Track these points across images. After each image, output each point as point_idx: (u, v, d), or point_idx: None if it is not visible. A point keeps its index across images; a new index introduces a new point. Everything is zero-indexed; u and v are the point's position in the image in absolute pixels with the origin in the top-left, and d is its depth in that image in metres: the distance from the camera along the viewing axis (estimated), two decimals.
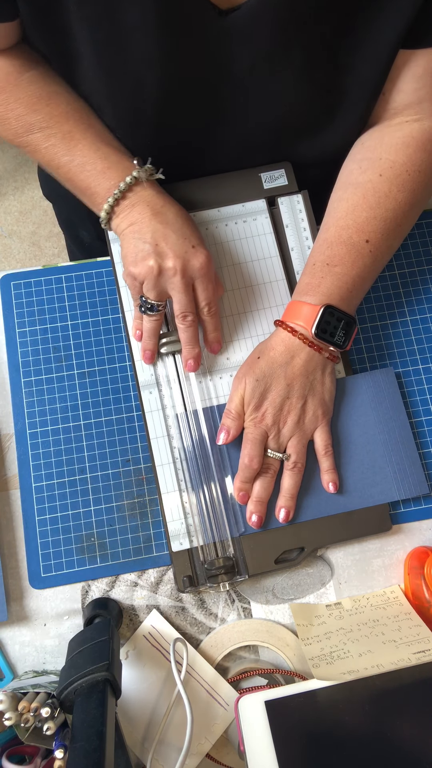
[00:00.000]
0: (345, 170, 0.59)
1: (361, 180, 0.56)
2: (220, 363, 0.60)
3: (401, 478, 0.57)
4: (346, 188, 0.57)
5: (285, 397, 0.54)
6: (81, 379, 0.61)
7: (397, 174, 0.55)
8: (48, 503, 0.58)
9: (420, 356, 0.64)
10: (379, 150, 0.57)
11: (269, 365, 0.54)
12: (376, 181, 0.55)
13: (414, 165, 0.55)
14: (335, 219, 0.56)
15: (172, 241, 0.53)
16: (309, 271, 0.56)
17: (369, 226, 0.55)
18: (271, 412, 0.54)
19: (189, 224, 0.56)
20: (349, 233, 0.55)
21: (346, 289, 0.54)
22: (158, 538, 0.57)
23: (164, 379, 0.59)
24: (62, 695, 0.43)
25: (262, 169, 0.64)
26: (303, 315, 0.54)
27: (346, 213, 0.55)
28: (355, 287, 0.55)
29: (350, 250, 0.54)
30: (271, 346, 0.55)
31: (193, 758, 0.52)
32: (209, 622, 0.56)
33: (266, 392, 0.54)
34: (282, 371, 0.54)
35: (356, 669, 0.48)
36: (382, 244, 0.55)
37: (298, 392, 0.54)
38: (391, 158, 0.56)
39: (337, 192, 0.58)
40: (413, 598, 0.56)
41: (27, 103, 0.53)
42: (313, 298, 0.54)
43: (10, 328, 0.63)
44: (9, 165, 1.79)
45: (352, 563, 0.58)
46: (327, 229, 0.56)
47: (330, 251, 0.55)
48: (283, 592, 0.57)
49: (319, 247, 0.56)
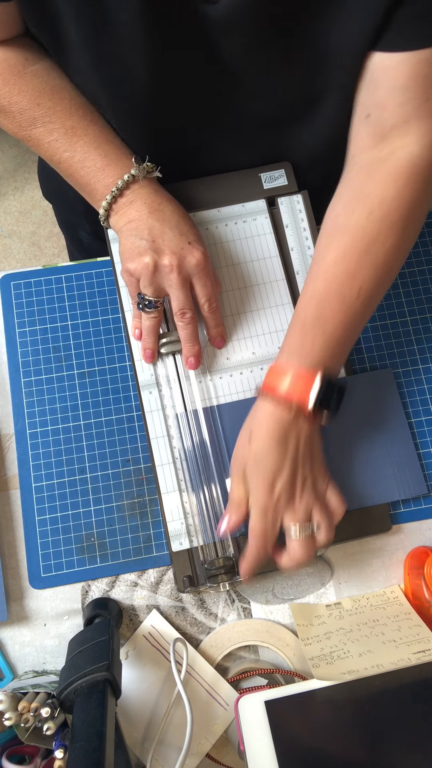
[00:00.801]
0: (331, 213, 0.54)
1: (348, 223, 0.51)
2: (220, 363, 0.60)
3: (400, 479, 0.57)
4: (334, 233, 0.52)
5: (293, 473, 0.50)
6: (81, 379, 0.61)
7: (386, 213, 0.50)
8: (48, 503, 0.58)
9: (420, 356, 0.64)
10: (367, 186, 0.52)
11: (265, 444, 0.49)
12: (365, 224, 0.51)
13: (404, 200, 0.51)
14: (324, 269, 0.51)
15: (169, 238, 0.53)
16: (298, 329, 0.51)
17: (359, 276, 0.50)
18: (285, 494, 0.50)
19: (186, 221, 0.56)
20: (339, 284, 0.50)
21: (338, 348, 0.50)
22: (158, 538, 0.57)
23: (164, 378, 0.59)
24: (62, 695, 0.43)
25: (262, 169, 0.64)
26: (295, 383, 0.49)
27: (334, 262, 0.51)
28: (347, 345, 0.51)
29: (341, 303, 0.50)
30: (259, 422, 0.50)
31: (193, 758, 0.52)
32: (209, 622, 0.56)
33: (273, 475, 0.49)
34: (282, 448, 0.49)
35: (356, 669, 0.48)
36: (374, 293, 0.51)
37: (305, 462, 0.50)
38: (379, 194, 0.51)
39: (323, 238, 0.54)
40: (413, 598, 0.56)
41: (30, 96, 0.53)
42: (306, 360, 0.49)
43: (10, 328, 0.63)
44: (9, 165, 1.79)
45: (352, 563, 0.58)
46: (315, 280, 0.52)
47: (320, 307, 0.50)
48: (283, 592, 0.57)
49: (308, 301, 0.51)
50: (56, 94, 0.54)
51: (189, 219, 0.56)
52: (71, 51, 0.51)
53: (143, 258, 0.53)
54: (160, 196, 0.56)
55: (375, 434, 0.58)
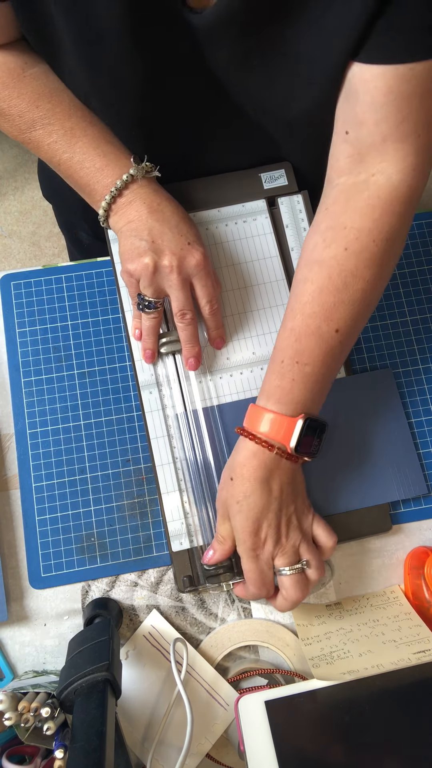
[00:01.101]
0: (309, 243, 0.53)
1: (325, 256, 0.51)
2: (220, 363, 0.60)
3: (400, 479, 0.57)
4: (311, 266, 0.52)
5: (278, 512, 0.50)
6: (81, 379, 0.61)
7: (364, 247, 0.50)
8: (48, 503, 0.58)
9: (420, 356, 0.64)
10: (344, 217, 0.51)
11: (247, 484, 0.49)
12: (341, 258, 0.50)
13: (381, 233, 0.50)
14: (301, 305, 0.51)
15: (168, 238, 0.53)
16: (277, 369, 0.51)
17: (337, 312, 0.50)
18: (271, 534, 0.50)
19: (186, 221, 0.55)
20: (318, 322, 0.50)
21: (317, 391, 0.50)
22: (158, 538, 0.57)
23: (164, 379, 0.59)
24: (62, 695, 0.43)
25: (262, 169, 0.64)
26: (277, 428, 0.49)
27: (312, 297, 0.50)
28: (326, 383, 0.51)
29: (319, 342, 0.50)
30: (241, 463, 0.50)
31: (193, 758, 0.52)
32: (209, 622, 0.56)
33: (257, 515, 0.49)
34: (266, 488, 0.49)
35: (356, 669, 0.48)
36: (351, 330, 0.51)
37: (289, 501, 0.50)
38: (357, 226, 0.50)
39: (301, 269, 0.53)
40: (413, 598, 0.56)
41: (30, 99, 0.54)
42: (287, 407, 0.50)
43: (10, 328, 0.63)
44: (9, 165, 1.79)
45: (352, 563, 0.58)
46: (293, 317, 0.51)
47: (298, 345, 0.50)
48: None
49: (286, 338, 0.51)
50: (55, 96, 0.54)
51: (189, 219, 0.56)
52: (62, 53, 0.51)
53: (143, 259, 0.53)
54: (160, 195, 0.56)
55: (375, 434, 0.58)
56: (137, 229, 0.54)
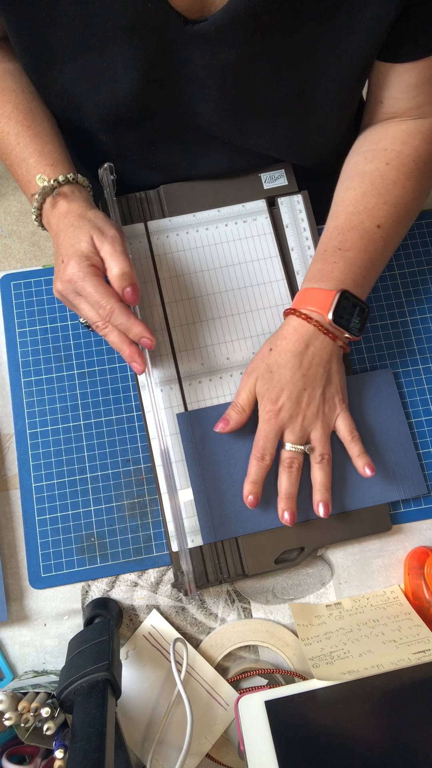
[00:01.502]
0: (350, 162, 0.59)
1: (367, 169, 0.56)
2: (220, 363, 0.60)
3: (400, 479, 0.57)
4: (353, 178, 0.56)
5: (302, 389, 0.52)
6: (81, 379, 0.61)
7: (404, 163, 0.55)
8: (48, 503, 0.58)
9: (420, 356, 0.63)
10: (384, 141, 0.56)
11: (283, 356, 0.53)
12: (384, 170, 0.55)
13: (420, 155, 0.55)
14: (344, 206, 0.55)
15: (57, 262, 0.53)
16: (320, 257, 0.55)
17: (379, 211, 0.54)
18: (288, 405, 0.52)
19: (69, 234, 0.52)
20: (360, 219, 0.54)
21: (359, 274, 0.53)
22: (158, 538, 0.57)
23: (164, 379, 0.59)
24: (62, 695, 0.43)
25: (262, 169, 0.64)
26: (317, 301, 0.53)
27: (355, 200, 0.55)
28: (368, 272, 0.54)
29: (362, 235, 0.54)
30: (282, 336, 0.53)
31: (193, 758, 0.52)
32: (209, 622, 0.56)
33: (282, 384, 0.52)
34: (297, 361, 0.52)
35: (356, 669, 0.48)
36: (392, 229, 0.55)
37: (316, 381, 0.53)
38: (397, 148, 0.55)
39: (343, 182, 0.57)
40: (413, 598, 0.56)
41: None
42: (327, 283, 0.53)
43: (10, 328, 0.63)
44: None
45: (352, 563, 0.58)
46: (336, 217, 0.56)
47: (341, 237, 0.54)
48: (283, 592, 0.57)
49: (329, 233, 0.55)
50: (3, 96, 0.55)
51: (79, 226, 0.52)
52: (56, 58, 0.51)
53: (55, 284, 0.53)
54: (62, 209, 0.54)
55: (375, 434, 0.58)
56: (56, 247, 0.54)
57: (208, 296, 0.61)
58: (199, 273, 0.62)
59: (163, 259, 0.62)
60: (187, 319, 0.60)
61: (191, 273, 0.62)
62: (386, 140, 0.56)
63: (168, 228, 0.63)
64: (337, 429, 0.55)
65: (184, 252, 0.62)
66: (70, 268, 0.50)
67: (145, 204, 0.63)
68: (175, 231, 0.63)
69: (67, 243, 0.52)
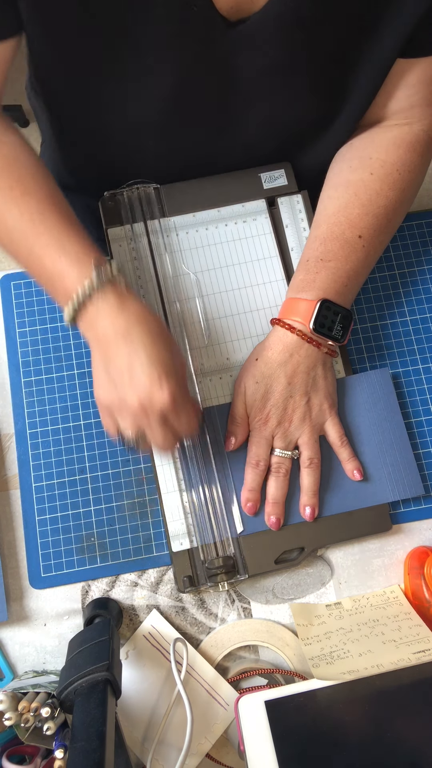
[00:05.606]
0: (334, 169, 0.59)
1: (351, 178, 0.56)
2: (220, 363, 0.60)
3: (396, 479, 0.57)
4: (337, 187, 0.57)
5: (288, 396, 0.54)
6: (81, 379, 0.61)
7: (388, 173, 0.55)
8: (48, 503, 0.58)
9: (420, 356, 0.64)
10: (370, 149, 0.57)
11: (268, 365, 0.54)
12: (367, 180, 0.55)
13: (404, 165, 0.56)
14: (326, 216, 0.56)
15: (137, 372, 0.45)
16: (303, 267, 0.56)
17: (361, 222, 0.54)
18: (275, 413, 0.54)
19: (157, 344, 0.46)
20: (342, 229, 0.54)
21: (341, 283, 0.54)
22: (158, 538, 0.57)
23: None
24: (62, 695, 0.43)
25: (261, 169, 0.64)
26: (300, 311, 0.54)
27: (337, 210, 0.55)
28: (350, 281, 0.55)
29: (343, 245, 0.54)
30: (268, 346, 0.55)
31: (193, 758, 0.52)
32: (209, 622, 0.56)
33: (268, 393, 0.54)
34: (282, 370, 0.54)
35: (356, 669, 0.48)
36: (375, 239, 0.55)
37: (301, 389, 0.54)
38: (382, 157, 0.56)
39: (327, 191, 0.58)
40: (413, 598, 0.56)
41: None
42: (308, 293, 0.54)
43: (10, 328, 0.63)
44: None
45: (352, 563, 0.58)
46: (318, 227, 0.56)
47: (323, 247, 0.55)
48: (283, 592, 0.57)
49: (311, 244, 0.56)
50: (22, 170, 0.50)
51: (162, 338, 0.47)
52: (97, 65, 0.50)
53: (110, 395, 0.47)
54: (126, 312, 0.46)
55: (372, 434, 0.58)
56: (104, 355, 0.46)
57: (208, 296, 0.61)
58: (199, 273, 0.62)
59: (163, 259, 0.62)
60: (187, 320, 0.60)
61: (191, 273, 0.62)
62: (371, 148, 0.57)
63: (168, 228, 0.63)
64: (326, 434, 0.56)
65: (183, 252, 0.62)
66: (170, 394, 0.44)
67: (145, 204, 0.63)
68: (175, 231, 0.63)
69: (166, 351, 0.45)
